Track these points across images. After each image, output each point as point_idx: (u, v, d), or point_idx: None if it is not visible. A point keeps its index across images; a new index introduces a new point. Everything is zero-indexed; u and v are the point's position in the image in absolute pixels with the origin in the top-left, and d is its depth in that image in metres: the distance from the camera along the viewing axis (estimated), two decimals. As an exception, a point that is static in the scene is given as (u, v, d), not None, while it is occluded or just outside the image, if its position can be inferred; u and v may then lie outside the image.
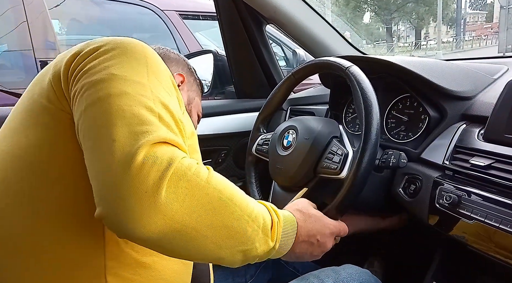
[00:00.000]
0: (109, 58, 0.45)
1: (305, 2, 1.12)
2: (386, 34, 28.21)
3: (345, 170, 0.65)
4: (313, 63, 0.78)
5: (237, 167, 1.22)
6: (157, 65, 0.48)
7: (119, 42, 0.47)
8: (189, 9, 2.52)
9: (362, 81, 0.65)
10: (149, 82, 0.44)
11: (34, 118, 0.47)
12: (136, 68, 0.45)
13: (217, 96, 1.32)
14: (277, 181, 0.79)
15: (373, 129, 0.61)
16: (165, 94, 0.46)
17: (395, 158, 0.67)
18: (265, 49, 1.20)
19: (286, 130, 0.78)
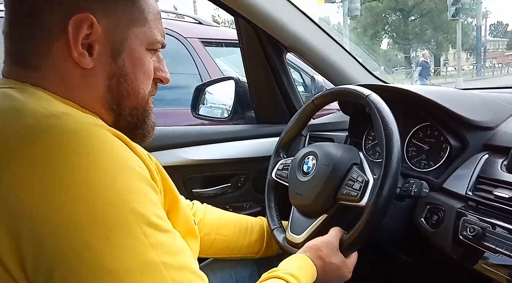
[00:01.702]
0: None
1: (324, 32, 1.15)
2: (404, 60, 28.26)
3: (366, 198, 0.65)
4: (333, 91, 0.80)
5: (256, 192, 1.23)
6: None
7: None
8: (211, 36, 2.61)
9: (383, 109, 0.66)
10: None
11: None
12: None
13: (237, 121, 1.35)
14: (297, 207, 0.79)
15: (394, 157, 0.62)
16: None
17: (417, 187, 0.67)
18: (285, 76, 1.23)
19: (306, 156, 0.78)
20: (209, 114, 1.42)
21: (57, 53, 0.48)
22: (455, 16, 16.34)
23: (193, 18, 2.79)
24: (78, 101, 0.50)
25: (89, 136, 0.41)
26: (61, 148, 0.40)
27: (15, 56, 0.50)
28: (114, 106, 0.53)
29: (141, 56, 0.53)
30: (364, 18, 24.61)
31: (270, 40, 1.15)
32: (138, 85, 0.54)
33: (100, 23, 0.48)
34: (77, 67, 0.49)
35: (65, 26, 0.47)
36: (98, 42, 0.49)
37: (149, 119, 0.58)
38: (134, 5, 0.52)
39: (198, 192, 1.17)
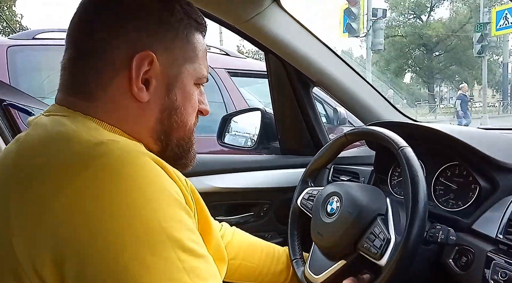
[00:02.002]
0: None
1: (350, 67, 1.18)
2: (428, 95, 28.02)
3: (386, 257, 0.64)
4: (368, 131, 0.80)
5: (278, 222, 1.23)
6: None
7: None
8: (237, 67, 2.71)
9: (413, 165, 0.66)
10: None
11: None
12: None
13: (262, 151, 1.37)
14: (317, 245, 0.79)
15: (417, 220, 0.61)
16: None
17: (444, 234, 0.66)
18: (311, 109, 1.26)
19: (331, 196, 0.78)
20: (233, 143, 1.46)
21: (117, 86, 0.52)
22: (481, 53, 16.24)
23: (221, 50, 2.91)
24: (128, 130, 0.53)
25: (134, 164, 0.44)
26: (108, 175, 0.42)
27: (72, 86, 0.53)
28: (163, 137, 0.56)
29: (190, 91, 0.57)
30: (387, 52, 24.76)
31: (298, 74, 1.19)
32: (186, 118, 0.57)
33: (159, 60, 0.52)
34: (134, 100, 0.52)
35: (129, 62, 0.51)
36: (156, 78, 0.53)
37: (192, 149, 0.61)
38: (188, 43, 0.56)
39: (221, 219, 1.17)
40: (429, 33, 24.51)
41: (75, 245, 0.40)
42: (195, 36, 0.57)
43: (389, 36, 24.52)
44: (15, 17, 18.06)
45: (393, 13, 26.05)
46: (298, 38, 1.08)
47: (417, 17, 26.68)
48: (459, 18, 25.11)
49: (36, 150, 0.47)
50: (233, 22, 1.02)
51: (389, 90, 14.29)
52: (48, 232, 0.41)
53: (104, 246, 0.40)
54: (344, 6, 13.53)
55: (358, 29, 13.46)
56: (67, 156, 0.44)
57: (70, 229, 0.40)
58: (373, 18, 13.73)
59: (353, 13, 13.13)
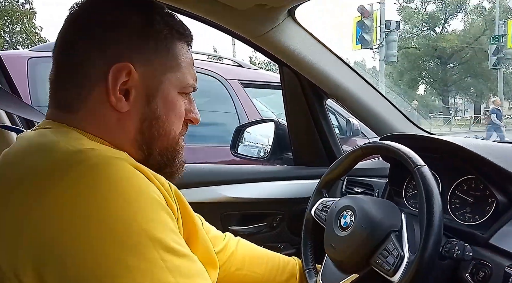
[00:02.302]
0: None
1: (364, 80, 1.19)
2: (442, 107, 27.67)
3: (399, 274, 0.64)
4: (384, 146, 0.80)
5: (290, 233, 1.23)
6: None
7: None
8: (251, 78, 2.74)
9: (429, 185, 0.66)
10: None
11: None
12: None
13: (275, 162, 1.38)
14: (330, 257, 0.79)
15: (432, 241, 0.61)
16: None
17: (460, 249, 0.65)
18: (324, 121, 1.27)
19: (345, 210, 0.78)
20: (246, 153, 1.47)
21: (96, 97, 0.53)
22: (496, 66, 16.04)
23: (234, 61, 2.95)
24: (110, 140, 0.53)
25: (112, 169, 0.45)
26: (86, 181, 0.43)
27: (56, 100, 0.55)
28: (144, 146, 0.56)
29: (173, 100, 0.57)
30: (400, 64, 24.65)
31: (312, 86, 1.20)
32: (169, 127, 0.57)
33: (137, 71, 0.53)
34: (113, 110, 0.53)
35: (106, 74, 0.52)
36: (135, 88, 0.53)
37: (178, 158, 0.60)
38: (169, 53, 0.56)
39: (234, 229, 1.18)
40: (443, 45, 24.33)
41: (56, 251, 0.41)
42: (177, 46, 0.57)
43: (403, 48, 24.42)
44: (35, 30, 18.66)
45: (406, 25, 25.98)
46: (312, 51, 1.09)
47: (431, 29, 26.56)
48: (474, 30, 24.90)
49: (17, 161, 0.49)
50: (249, 36, 1.04)
51: (413, 102, 14.14)
52: (29, 240, 0.42)
53: (85, 250, 0.41)
54: (357, 18, 13.57)
55: (371, 41, 13.47)
56: (47, 165, 0.45)
57: (51, 235, 0.41)
58: (386, 30, 13.73)
59: (366, 25, 13.16)
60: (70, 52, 0.54)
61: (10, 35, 18.62)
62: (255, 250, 0.88)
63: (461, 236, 0.74)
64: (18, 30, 18.33)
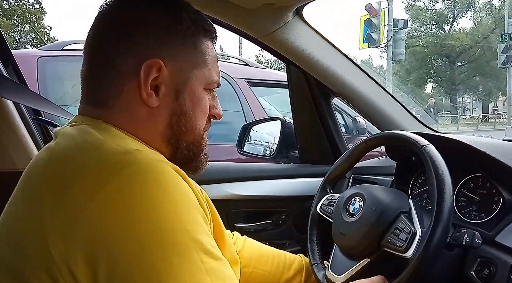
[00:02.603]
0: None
1: (370, 78, 1.19)
2: (450, 105, 27.41)
3: (412, 250, 0.64)
4: (388, 135, 0.81)
5: (296, 231, 1.24)
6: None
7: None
8: (257, 77, 2.75)
9: (438, 163, 0.67)
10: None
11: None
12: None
13: (281, 160, 1.38)
14: (339, 246, 0.79)
15: (444, 213, 0.62)
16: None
17: (469, 237, 0.65)
18: (331, 119, 1.27)
19: (353, 197, 0.79)
20: (252, 151, 1.48)
21: (128, 93, 0.54)
22: (505, 64, 15.84)
23: (242, 60, 2.96)
24: (143, 137, 0.56)
25: (159, 172, 0.47)
26: (137, 182, 0.45)
27: (90, 96, 0.57)
28: (173, 141, 0.58)
29: (199, 96, 0.59)
30: (408, 62, 24.46)
31: (319, 85, 1.20)
32: (195, 122, 0.59)
33: (167, 67, 0.55)
34: (144, 106, 0.55)
35: (137, 70, 0.53)
36: (164, 84, 0.55)
37: (203, 153, 0.63)
38: (196, 50, 0.58)
39: (240, 226, 1.19)
40: (452, 43, 24.08)
41: (108, 246, 0.43)
42: (203, 43, 0.59)
43: (410, 46, 24.22)
44: (44, 29, 18.84)
45: (414, 23, 25.76)
46: (319, 50, 1.10)
47: (439, 27, 26.31)
48: (483, 28, 24.60)
49: (68, 158, 0.50)
50: (256, 35, 1.05)
51: (430, 99, 13.95)
52: (82, 234, 0.44)
53: (134, 247, 0.43)
54: (365, 16, 13.49)
55: (379, 39, 13.38)
56: (98, 164, 0.47)
57: (103, 231, 0.43)
58: (394, 29, 13.62)
59: (374, 24, 13.07)
60: (101, 49, 0.55)
61: (20, 35, 18.83)
62: (261, 248, 0.89)
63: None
64: (27, 29, 18.53)
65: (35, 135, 1.14)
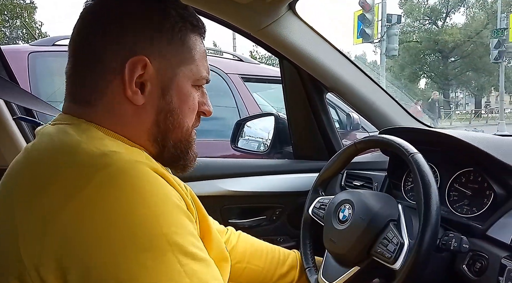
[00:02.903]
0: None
1: (364, 74, 1.19)
2: (443, 100, 27.60)
3: (400, 261, 0.65)
4: (377, 139, 0.81)
5: (290, 226, 1.24)
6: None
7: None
8: (251, 73, 2.73)
9: (424, 172, 0.67)
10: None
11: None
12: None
13: (275, 155, 1.38)
14: (330, 253, 0.80)
15: (430, 225, 0.62)
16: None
17: (457, 242, 0.66)
18: (324, 115, 1.27)
19: (343, 204, 0.79)
20: (246, 147, 1.47)
21: (112, 91, 0.53)
22: (497, 59, 15.96)
23: (235, 56, 2.94)
24: (127, 135, 0.54)
25: (135, 174, 0.45)
26: (111, 186, 0.44)
27: (74, 94, 0.55)
28: (159, 139, 0.57)
29: (187, 92, 0.57)
30: (401, 57, 24.52)
31: (312, 80, 1.20)
32: (183, 119, 0.58)
33: (152, 64, 0.53)
34: (129, 104, 0.53)
35: (122, 67, 0.52)
36: (150, 81, 0.54)
37: (191, 151, 0.61)
38: (183, 46, 0.56)
39: (234, 222, 1.19)
40: (445, 38, 24.19)
41: (80, 253, 0.42)
42: (191, 38, 0.57)
43: (404, 41, 24.27)
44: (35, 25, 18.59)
45: (407, 19, 25.82)
46: (312, 45, 1.10)
47: (432, 23, 26.39)
48: (476, 24, 24.74)
49: (42, 161, 0.49)
50: (249, 30, 1.04)
51: (433, 93, 13.92)
52: (54, 240, 0.43)
53: (108, 254, 0.42)
54: (358, 12, 13.48)
55: (372, 35, 13.38)
56: (72, 167, 0.46)
57: (77, 238, 0.42)
58: (388, 24, 13.63)
59: (367, 19, 13.07)
60: (86, 46, 0.54)
61: (11, 30, 18.57)
62: (255, 244, 0.89)
63: (459, 228, 0.75)
64: (18, 25, 18.27)
65: (25, 133, 1.12)
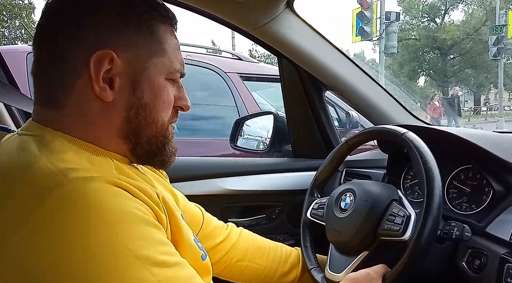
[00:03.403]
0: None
1: (363, 72, 1.19)
2: (442, 98, 27.60)
3: (409, 231, 0.65)
4: (368, 131, 0.82)
5: (290, 225, 1.24)
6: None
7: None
8: (250, 72, 2.73)
9: (420, 146, 0.68)
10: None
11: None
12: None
13: (274, 154, 1.38)
14: (335, 244, 0.79)
15: (435, 192, 0.63)
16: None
17: (459, 230, 0.66)
18: (323, 113, 1.27)
19: (343, 193, 0.79)
20: (246, 146, 1.47)
21: (79, 89, 0.50)
22: (496, 56, 15.96)
23: (234, 54, 2.94)
24: (96, 138, 0.52)
25: (93, 193, 0.43)
26: (67, 206, 0.42)
27: (41, 96, 0.53)
28: (131, 136, 0.54)
29: (160, 86, 0.54)
30: (400, 55, 24.49)
31: (311, 78, 1.20)
32: (157, 114, 0.55)
33: (120, 57, 0.51)
34: (98, 101, 0.51)
35: (87, 63, 0.49)
36: (119, 76, 0.51)
37: (168, 146, 0.58)
38: (152, 37, 0.53)
39: (234, 221, 1.19)
40: (443, 36, 24.18)
41: (38, 278, 0.40)
42: (161, 30, 0.54)
43: (403, 39, 24.24)
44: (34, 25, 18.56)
45: (406, 16, 25.79)
46: (311, 43, 1.09)
47: (431, 20, 26.36)
48: (475, 21, 24.71)
49: (1, 178, 0.47)
50: (247, 28, 1.04)
51: (454, 88, 13.71)
52: (8, 266, 0.41)
53: (71, 278, 0.40)
54: (357, 9, 13.47)
55: (371, 32, 13.38)
56: (27, 188, 0.44)
57: (32, 263, 0.40)
58: (386, 22, 13.63)
59: (366, 17, 13.06)
60: (50, 44, 0.51)
61: (9, 30, 18.54)
62: (257, 241, 0.88)
63: (458, 225, 0.75)
64: (17, 25, 18.24)
65: None
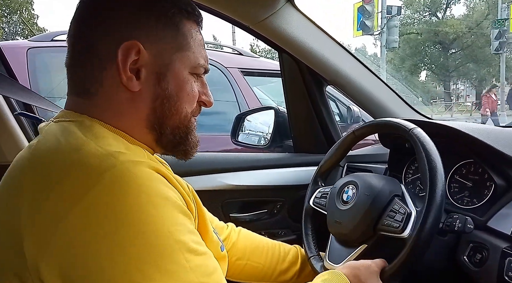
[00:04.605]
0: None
1: (364, 66, 1.18)
2: (443, 93, 27.51)
3: (408, 229, 0.65)
4: (376, 123, 0.82)
5: (291, 219, 1.24)
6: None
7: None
8: (251, 66, 2.72)
9: (426, 143, 0.68)
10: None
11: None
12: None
13: (275, 149, 1.38)
14: (335, 235, 0.80)
15: (438, 191, 0.62)
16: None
17: (461, 222, 0.66)
18: (324, 108, 1.27)
19: (346, 185, 0.79)
20: (247, 141, 1.47)
21: (109, 79, 0.53)
22: (498, 50, 15.88)
23: (235, 49, 2.93)
24: (126, 126, 0.55)
25: (140, 175, 0.46)
26: (117, 188, 0.44)
27: (74, 86, 0.56)
28: (156, 126, 0.57)
29: (184, 79, 0.57)
30: (401, 50, 24.39)
31: (312, 73, 1.20)
32: (181, 105, 0.58)
33: (146, 49, 0.53)
34: (125, 91, 0.54)
35: (115, 53, 0.52)
36: (145, 67, 0.54)
37: (191, 136, 0.61)
38: (178, 32, 0.56)
39: (235, 216, 1.20)
40: (445, 30, 24.03)
41: (89, 255, 0.42)
42: (186, 25, 0.57)
43: (404, 33, 24.13)
44: (33, 19, 18.52)
45: (407, 10, 25.63)
46: (312, 37, 1.09)
47: (432, 14, 26.21)
48: (476, 15, 24.55)
49: (50, 161, 0.49)
50: (248, 23, 1.03)
51: (499, 83, 13.42)
52: (61, 242, 0.43)
53: (119, 252, 0.42)
54: (358, 3, 13.39)
55: (372, 27, 13.31)
56: (79, 168, 0.46)
57: (85, 239, 0.43)
58: (388, 16, 13.55)
59: (367, 11, 12.99)
60: (82, 36, 0.55)
61: (9, 26, 18.49)
62: (256, 240, 0.89)
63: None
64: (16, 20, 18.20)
65: (25, 128, 1.12)
